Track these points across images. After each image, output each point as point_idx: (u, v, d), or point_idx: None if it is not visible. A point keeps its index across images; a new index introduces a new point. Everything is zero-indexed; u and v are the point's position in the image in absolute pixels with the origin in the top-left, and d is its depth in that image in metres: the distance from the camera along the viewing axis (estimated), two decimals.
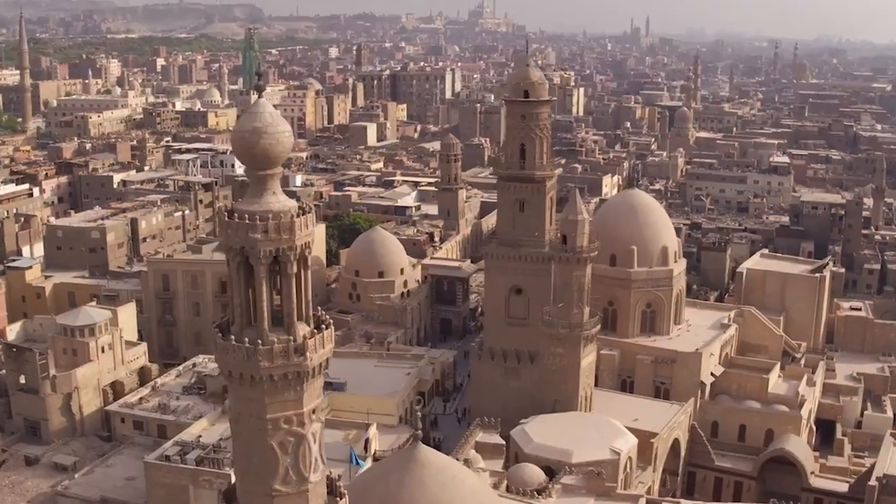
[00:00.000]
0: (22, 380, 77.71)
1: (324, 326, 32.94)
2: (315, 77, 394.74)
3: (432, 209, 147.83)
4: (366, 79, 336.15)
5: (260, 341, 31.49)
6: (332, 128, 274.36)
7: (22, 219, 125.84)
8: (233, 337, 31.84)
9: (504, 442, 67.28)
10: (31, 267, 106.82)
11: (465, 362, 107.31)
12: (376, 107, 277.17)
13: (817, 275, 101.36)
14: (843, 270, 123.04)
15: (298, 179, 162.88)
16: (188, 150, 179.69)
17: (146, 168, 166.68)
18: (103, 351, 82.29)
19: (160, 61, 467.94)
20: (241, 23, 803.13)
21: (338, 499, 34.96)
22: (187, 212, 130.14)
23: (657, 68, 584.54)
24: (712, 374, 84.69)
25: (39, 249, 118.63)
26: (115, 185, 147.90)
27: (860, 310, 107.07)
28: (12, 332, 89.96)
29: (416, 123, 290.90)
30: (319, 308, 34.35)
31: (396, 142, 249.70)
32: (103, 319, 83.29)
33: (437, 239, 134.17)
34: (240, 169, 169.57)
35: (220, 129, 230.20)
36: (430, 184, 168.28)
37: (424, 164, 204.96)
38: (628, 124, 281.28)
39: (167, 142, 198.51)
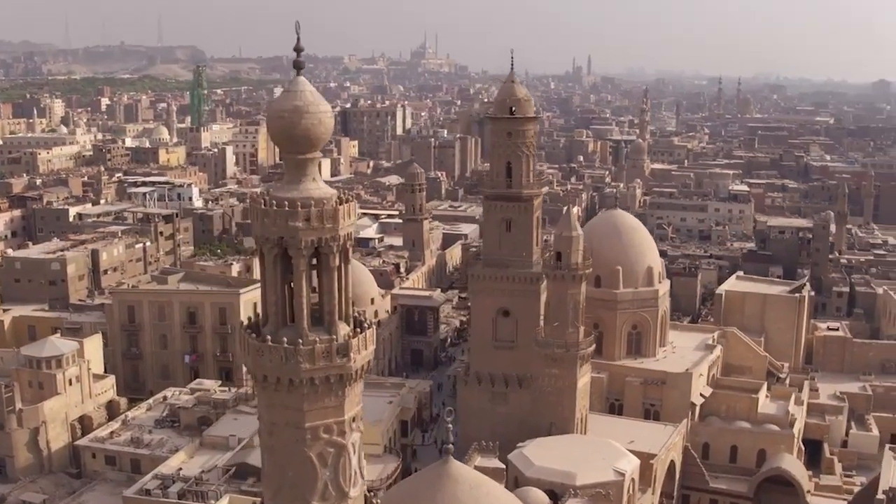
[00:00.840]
0: None
1: (366, 325, 30.39)
2: (264, 115, 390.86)
3: (395, 241, 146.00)
4: None
5: (300, 341, 28.69)
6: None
7: None
8: (269, 337, 28.97)
9: (504, 466, 64.71)
10: None
11: (439, 393, 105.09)
12: (329, 142, 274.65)
13: (797, 295, 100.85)
14: (812, 293, 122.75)
15: None
16: (144, 184, 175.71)
17: (102, 202, 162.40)
18: (70, 384, 78.99)
19: (105, 101, 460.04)
20: (184, 64, 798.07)
21: None
22: (148, 243, 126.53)
23: (602, 105, 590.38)
24: (701, 394, 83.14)
25: None
26: (70, 219, 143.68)
27: (838, 330, 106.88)
28: None
29: (369, 159, 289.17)
30: (355, 307, 31.74)
31: (351, 176, 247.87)
32: (70, 351, 79.90)
33: (402, 270, 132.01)
34: (198, 202, 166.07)
35: (172, 166, 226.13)
36: (389, 216, 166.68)
37: (382, 197, 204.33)
38: (581, 158, 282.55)
39: (119, 177, 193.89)
